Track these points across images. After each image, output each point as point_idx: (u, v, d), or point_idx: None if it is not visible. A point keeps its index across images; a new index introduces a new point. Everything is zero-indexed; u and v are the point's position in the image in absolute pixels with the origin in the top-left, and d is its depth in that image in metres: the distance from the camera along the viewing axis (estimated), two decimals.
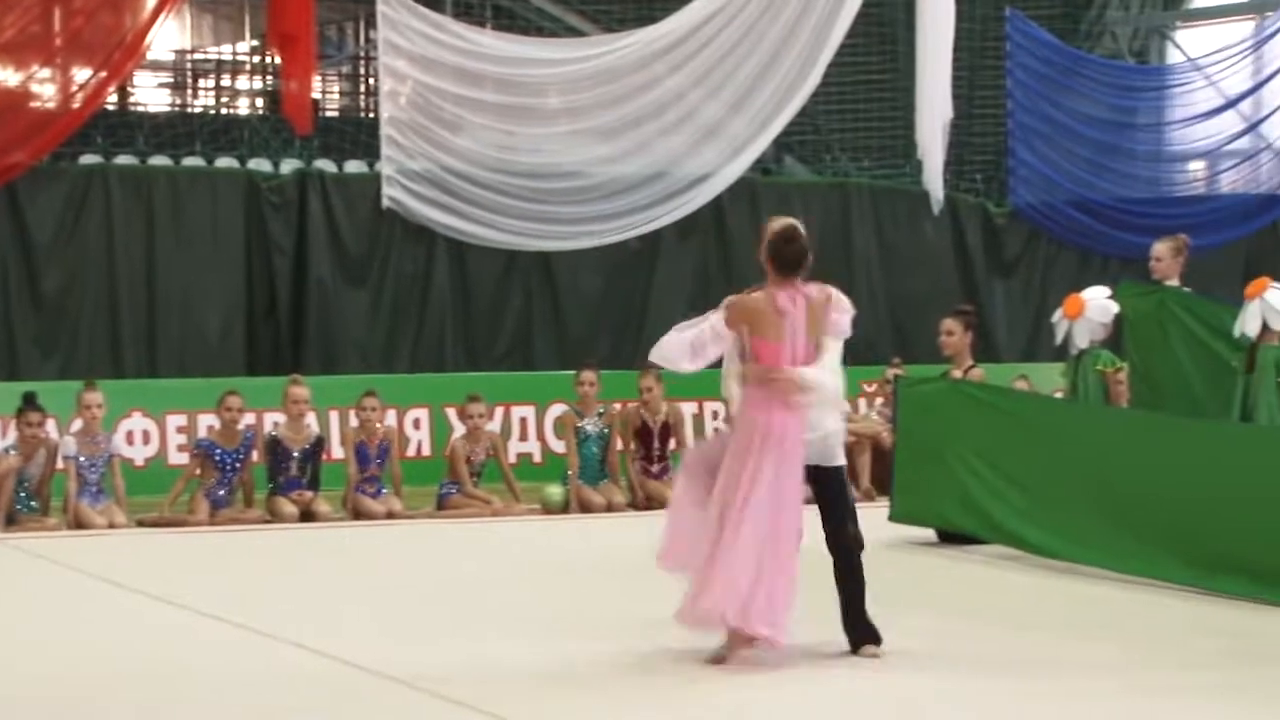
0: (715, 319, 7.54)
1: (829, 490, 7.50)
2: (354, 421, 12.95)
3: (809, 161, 16.84)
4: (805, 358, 7.36)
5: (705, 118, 15.67)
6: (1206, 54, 18.08)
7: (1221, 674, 7.46)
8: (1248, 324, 10.68)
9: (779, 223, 7.64)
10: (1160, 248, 11.86)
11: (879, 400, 14.48)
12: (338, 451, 13.22)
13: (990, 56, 17.22)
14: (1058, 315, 11.75)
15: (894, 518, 10.90)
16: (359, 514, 12.50)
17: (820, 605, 7.46)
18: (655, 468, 13.30)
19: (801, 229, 7.60)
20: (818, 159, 16.79)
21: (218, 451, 12.41)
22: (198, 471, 12.44)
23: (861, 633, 7.52)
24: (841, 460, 7.59)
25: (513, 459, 13.72)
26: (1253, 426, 10.33)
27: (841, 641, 7.48)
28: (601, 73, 15.47)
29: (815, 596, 7.44)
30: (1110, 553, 9.71)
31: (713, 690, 7.08)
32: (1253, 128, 17.89)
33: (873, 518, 7.52)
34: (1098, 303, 11.75)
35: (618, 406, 13.50)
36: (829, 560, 7.47)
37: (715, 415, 14.73)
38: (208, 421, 13.00)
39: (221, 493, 12.37)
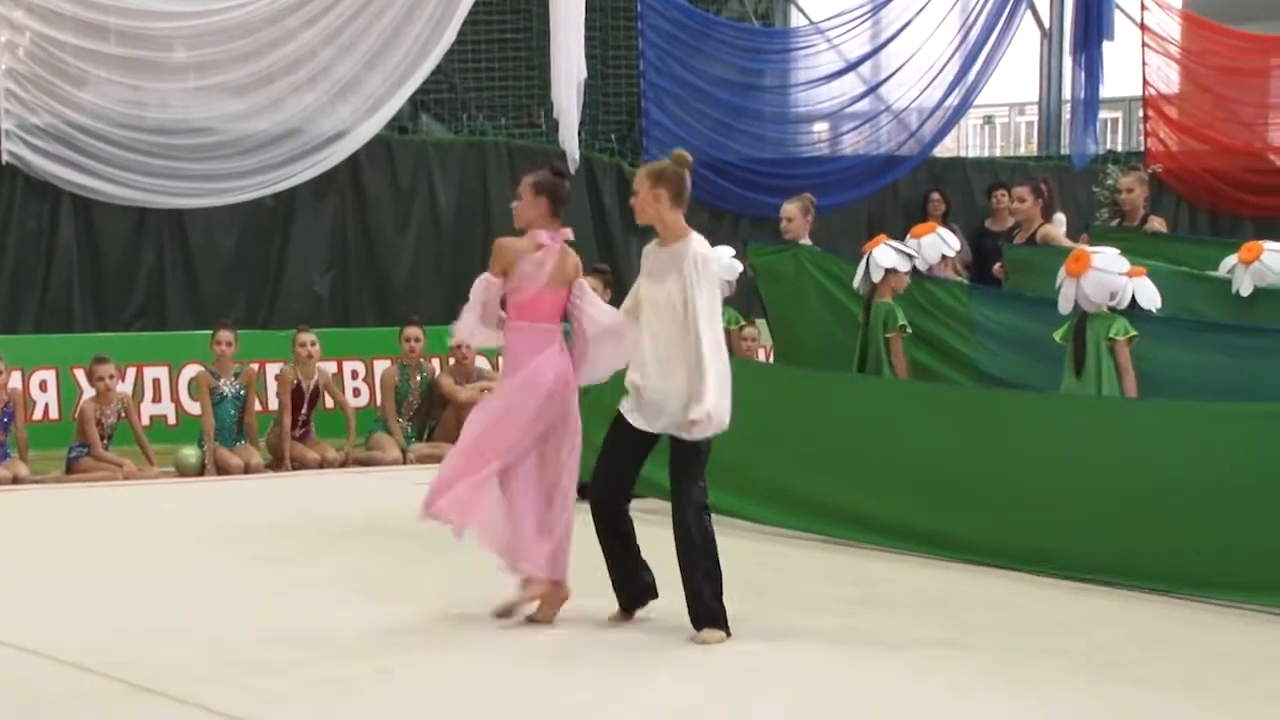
0: None
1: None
2: None
3: (445, 120, 16.81)
4: None
5: (339, 75, 15.51)
6: (827, 18, 18.63)
7: (842, 619, 7.80)
8: (857, 278, 11.17)
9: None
10: (790, 208, 12.27)
11: None
12: None
13: (622, 17, 17.43)
14: None
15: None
16: None
17: None
18: (298, 431, 13.20)
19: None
20: (454, 118, 16.78)
21: None
22: None
23: (693, 611, 7.38)
24: None
25: (146, 421, 13.42)
26: (867, 378, 10.76)
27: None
28: (231, 28, 15.15)
29: None
30: (748, 502, 10.01)
31: (363, 657, 7.09)
32: (872, 90, 18.50)
33: None
34: (723, 261, 12.07)
35: (254, 366, 13.35)
36: None
37: (354, 375, 14.68)
38: None
39: None
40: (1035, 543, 8.76)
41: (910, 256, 11.19)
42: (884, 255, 11.05)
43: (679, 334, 7.30)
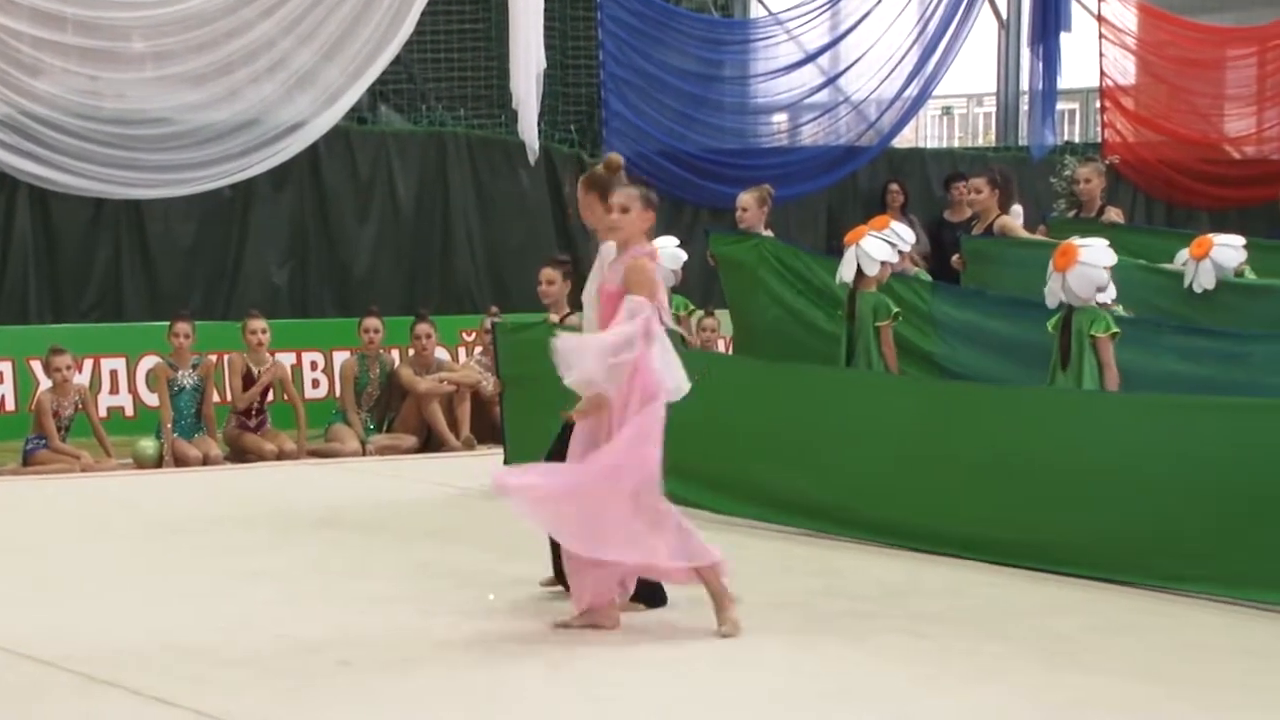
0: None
1: None
2: None
3: (404, 110, 16.77)
4: None
5: (297, 65, 15.45)
6: (787, 9, 18.64)
7: (804, 611, 7.81)
8: (844, 270, 11.07)
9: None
10: (746, 198, 12.26)
11: (478, 349, 14.61)
12: None
13: (582, 7, 17.40)
14: None
15: (509, 463, 11.00)
16: None
17: None
18: (253, 421, 13.15)
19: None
20: (413, 108, 16.74)
21: None
22: None
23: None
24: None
25: (103, 413, 13.37)
26: (848, 371, 10.76)
27: None
28: (188, 18, 15.07)
29: None
30: (709, 492, 10.00)
31: (322, 649, 7.07)
32: (831, 81, 18.52)
33: (483, 465, 7.61)
34: (668, 251, 12.06)
35: (212, 358, 13.30)
36: None
37: (313, 366, 14.64)
38: None
39: None
40: (995, 534, 8.79)
41: (893, 245, 11.10)
42: (877, 248, 10.95)
43: (597, 326, 7.43)
